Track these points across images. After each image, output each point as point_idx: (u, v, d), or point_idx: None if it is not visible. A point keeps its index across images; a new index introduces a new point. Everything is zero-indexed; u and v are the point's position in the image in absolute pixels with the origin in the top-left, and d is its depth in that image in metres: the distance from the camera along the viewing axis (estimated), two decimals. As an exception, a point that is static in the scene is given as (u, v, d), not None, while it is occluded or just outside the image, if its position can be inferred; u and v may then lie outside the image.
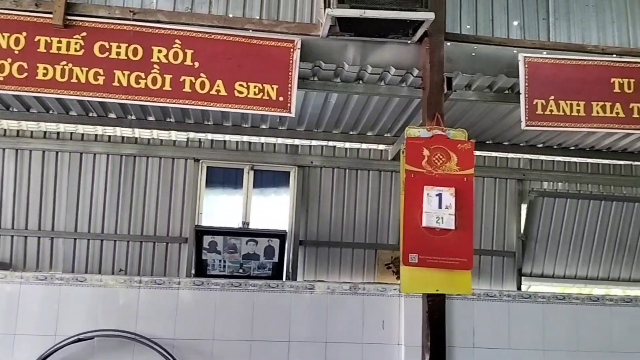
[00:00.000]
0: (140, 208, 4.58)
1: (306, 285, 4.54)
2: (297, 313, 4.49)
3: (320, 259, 4.83)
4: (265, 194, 4.85)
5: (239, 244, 4.49)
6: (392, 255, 4.86)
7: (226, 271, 4.50)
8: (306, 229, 4.80)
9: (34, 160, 4.45)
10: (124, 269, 4.53)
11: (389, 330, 4.54)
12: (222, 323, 4.38)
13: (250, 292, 4.45)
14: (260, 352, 4.38)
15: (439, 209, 3.12)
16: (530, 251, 5.01)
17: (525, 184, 5.02)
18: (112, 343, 4.16)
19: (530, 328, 4.60)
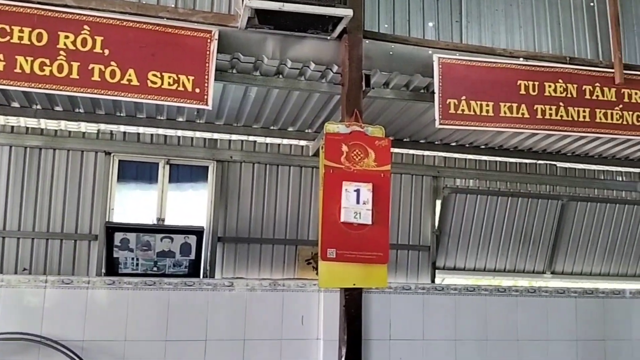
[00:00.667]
0: (47, 204, 4.30)
1: (224, 283, 4.47)
2: (215, 311, 4.41)
3: (240, 255, 4.76)
4: (181, 189, 4.70)
5: (153, 241, 4.33)
6: (312, 251, 4.88)
7: (139, 269, 4.33)
8: (225, 225, 4.71)
9: None
10: (29, 268, 4.24)
11: (308, 326, 4.57)
12: (135, 323, 4.22)
13: (165, 290, 4.32)
14: (175, 353, 4.26)
15: (357, 204, 3.16)
16: (443, 245, 5.20)
17: (439, 180, 5.20)
18: (14, 346, 3.90)
19: (443, 319, 4.78)
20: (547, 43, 4.07)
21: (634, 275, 5.75)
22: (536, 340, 4.91)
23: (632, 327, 5.15)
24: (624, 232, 5.57)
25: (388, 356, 4.62)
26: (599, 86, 3.83)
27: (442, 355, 4.70)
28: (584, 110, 3.78)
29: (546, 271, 5.52)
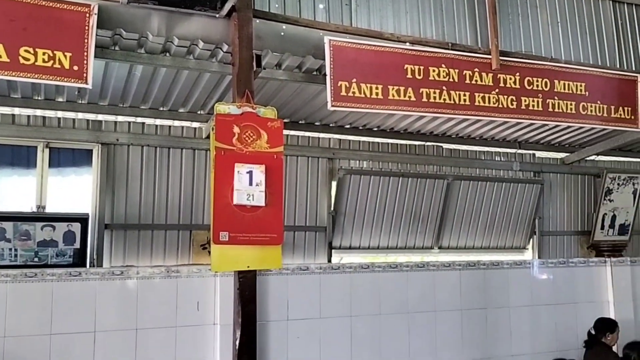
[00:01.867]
0: None
1: (113, 272, 4.27)
2: (104, 301, 4.21)
3: (130, 243, 4.57)
4: (63, 174, 4.39)
5: (33, 230, 4.04)
6: (207, 236, 4.79)
7: (18, 261, 4.03)
8: (112, 212, 4.49)
9: None
10: None
11: (204, 311, 4.50)
12: (15, 318, 3.93)
13: (48, 282, 4.05)
14: (62, 347, 4.03)
15: (250, 186, 3.14)
16: (339, 225, 5.32)
17: (335, 162, 5.30)
18: None
19: (339, 297, 4.92)
20: (431, 29, 4.25)
21: (512, 247, 6.24)
22: (425, 311, 5.20)
23: (510, 295, 5.60)
24: (502, 208, 6.02)
25: (286, 336, 4.67)
26: (478, 71, 4.07)
27: (338, 331, 4.83)
28: (464, 94, 4.00)
29: (434, 246, 5.84)
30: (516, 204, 6.07)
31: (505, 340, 5.52)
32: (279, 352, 4.61)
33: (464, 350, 5.17)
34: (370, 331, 4.94)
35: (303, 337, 4.74)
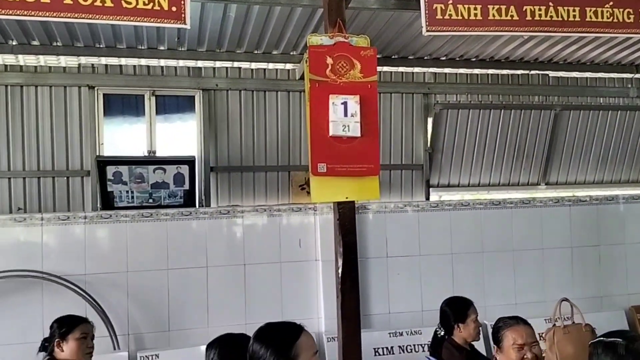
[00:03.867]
0: (34, 142, 4.25)
1: (220, 211, 4.51)
2: (213, 239, 4.48)
3: (233, 184, 4.76)
4: (169, 120, 4.63)
5: (146, 173, 4.32)
6: (305, 176, 4.88)
7: (135, 202, 4.35)
8: (216, 155, 4.68)
9: None
10: (23, 207, 4.24)
11: (305, 248, 4.65)
12: (136, 255, 4.30)
13: (163, 221, 4.36)
14: (178, 280, 4.36)
15: (345, 117, 3.10)
16: (437, 163, 5.19)
17: (430, 97, 5.13)
18: (18, 283, 3.97)
19: (439, 234, 4.87)
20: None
21: (627, 181, 5.78)
22: (532, 249, 5.02)
23: (625, 231, 5.25)
24: (616, 139, 5.56)
25: (386, 272, 4.73)
26: (589, -17, 3.70)
27: (439, 268, 4.81)
28: (573, 10, 3.65)
29: (540, 182, 5.54)
30: (632, 134, 5.58)
31: (621, 279, 5.21)
32: (379, 287, 4.68)
33: (575, 288, 4.94)
34: (472, 269, 4.87)
35: (403, 274, 4.77)
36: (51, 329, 3.01)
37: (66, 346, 2.92)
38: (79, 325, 2.99)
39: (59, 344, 2.92)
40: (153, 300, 4.30)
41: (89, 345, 3.02)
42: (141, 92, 4.52)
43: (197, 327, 4.35)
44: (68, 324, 2.98)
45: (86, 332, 3.01)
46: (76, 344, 2.93)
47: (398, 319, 4.64)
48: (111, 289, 4.20)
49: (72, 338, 2.93)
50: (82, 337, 2.96)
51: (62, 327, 2.96)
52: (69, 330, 2.95)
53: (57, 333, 2.95)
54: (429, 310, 4.62)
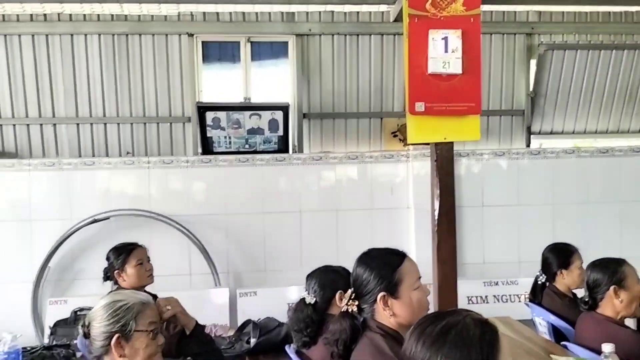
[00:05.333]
0: (139, 89, 4.48)
1: (313, 157, 4.56)
2: (306, 184, 4.56)
3: (325, 131, 4.79)
4: (264, 66, 4.69)
5: (243, 119, 4.44)
6: (398, 123, 4.80)
7: (232, 147, 4.49)
8: (309, 101, 4.71)
9: (24, 45, 4.29)
10: (131, 151, 4.52)
11: (397, 195, 4.62)
12: (234, 198, 4.47)
13: (258, 166, 4.49)
14: (273, 223, 4.50)
15: (445, 53, 2.98)
16: (539, 108, 4.91)
17: (534, 38, 4.81)
18: (127, 222, 4.28)
19: (539, 183, 4.65)
20: None
21: None
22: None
23: None
24: None
25: (481, 222, 4.61)
26: None
27: (538, 219, 4.61)
28: None
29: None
30: None
31: None
32: (473, 237, 4.58)
33: (690, 243, 4.57)
34: (575, 220, 4.62)
35: (499, 224, 4.63)
36: (108, 261, 3.04)
37: (126, 275, 2.95)
38: (132, 253, 3.00)
39: (119, 274, 2.96)
40: (250, 242, 4.49)
41: (147, 269, 3.03)
42: (237, 38, 4.60)
43: (291, 268, 4.49)
44: (122, 255, 2.99)
45: (141, 258, 3.02)
46: (134, 271, 2.95)
47: (493, 268, 4.54)
48: (212, 229, 4.42)
49: (130, 267, 2.96)
50: (139, 264, 2.98)
51: (117, 259, 2.98)
52: (125, 261, 2.96)
53: (114, 266, 2.98)
54: (527, 261, 4.48)
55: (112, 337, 1.75)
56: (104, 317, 1.78)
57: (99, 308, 1.82)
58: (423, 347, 1.26)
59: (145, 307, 1.84)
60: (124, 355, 1.77)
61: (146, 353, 1.81)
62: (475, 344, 1.22)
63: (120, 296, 1.86)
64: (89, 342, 1.82)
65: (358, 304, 1.85)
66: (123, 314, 1.78)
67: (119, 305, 1.80)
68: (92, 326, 1.80)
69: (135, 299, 1.84)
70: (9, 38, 4.27)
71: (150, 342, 1.82)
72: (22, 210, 4.26)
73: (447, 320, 1.26)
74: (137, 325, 1.79)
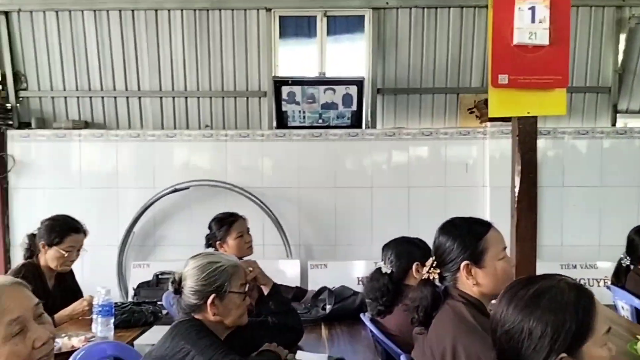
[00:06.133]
0: (219, 64, 4.60)
1: (386, 133, 4.55)
2: (378, 160, 4.56)
3: (400, 106, 4.74)
4: (339, 41, 4.69)
5: (317, 94, 4.47)
6: (475, 99, 4.69)
7: (306, 122, 4.54)
8: (384, 76, 4.67)
9: (112, 20, 4.51)
10: (210, 124, 4.67)
11: (472, 173, 4.54)
12: (306, 172, 4.55)
13: (331, 141, 4.53)
14: (345, 198, 4.54)
15: (532, 23, 2.86)
16: (627, 85, 4.63)
17: (624, 11, 4.51)
18: (206, 192, 4.45)
19: (625, 164, 4.42)
20: None
21: None
22: None
23: None
24: None
25: (560, 203, 4.45)
26: None
27: (623, 201, 4.40)
28: None
29: None
30: None
31: None
32: (552, 218, 4.42)
33: None
34: (666, 204, 4.38)
35: (580, 205, 4.45)
36: (210, 230, 3.11)
37: (227, 247, 3.03)
38: (234, 225, 3.05)
39: (221, 245, 3.03)
40: (321, 216, 4.55)
41: (247, 241, 3.09)
42: (313, 13, 4.61)
43: (361, 244, 4.53)
44: (224, 227, 3.04)
45: (242, 230, 3.07)
46: (235, 243, 3.01)
47: (571, 251, 4.39)
48: (285, 202, 4.52)
49: (231, 239, 3.03)
50: (239, 236, 3.04)
51: (219, 230, 3.05)
52: (226, 233, 3.04)
53: (216, 236, 3.06)
54: (607, 245, 4.30)
55: (208, 297, 1.84)
56: (201, 278, 1.86)
57: (194, 268, 1.89)
58: (514, 311, 1.25)
59: (237, 270, 1.92)
60: (217, 313, 1.85)
61: (237, 313, 1.89)
62: (569, 309, 1.20)
63: (215, 258, 1.93)
64: (180, 298, 1.92)
65: (440, 272, 1.85)
66: (219, 276, 1.86)
67: (215, 267, 1.88)
68: (185, 284, 1.89)
69: (228, 262, 1.93)
70: (98, 14, 4.49)
71: (242, 302, 1.90)
72: (109, 178, 4.52)
73: (541, 284, 1.25)
74: (231, 287, 1.87)
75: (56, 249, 2.75)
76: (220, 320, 1.87)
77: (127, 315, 2.66)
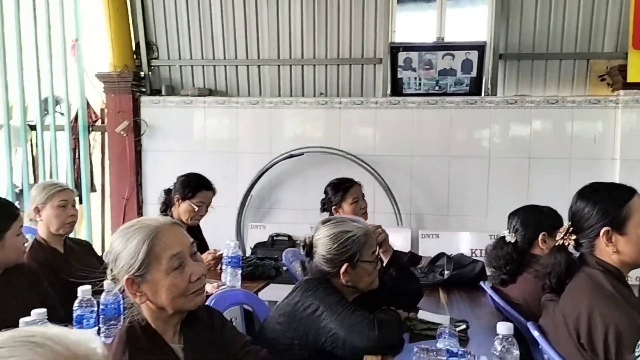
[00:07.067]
0: (335, 31, 4.62)
1: (507, 100, 4.36)
2: (497, 129, 4.39)
3: (523, 73, 4.50)
4: (460, 4, 4.51)
5: (435, 60, 4.37)
6: (607, 65, 4.33)
7: (422, 89, 4.46)
8: (507, 41, 4.44)
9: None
10: (324, 92, 4.74)
11: (601, 145, 4.24)
12: (420, 140, 4.49)
13: (447, 109, 4.42)
14: (459, 168, 4.44)
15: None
16: None
17: None
18: (319, 158, 4.55)
19: None
20: None
21: None
22: None
23: None
24: None
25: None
26: None
27: None
28: None
29: None
30: None
31: None
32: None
33: None
34: None
35: None
36: (326, 195, 3.18)
37: (342, 212, 3.09)
38: (349, 191, 3.11)
39: (336, 210, 3.10)
40: (434, 185, 4.49)
41: (362, 207, 3.13)
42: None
43: (475, 215, 4.43)
44: (339, 192, 3.11)
45: (357, 196, 3.12)
46: (350, 209, 3.08)
47: None
48: (396, 170, 4.51)
49: (346, 204, 3.10)
50: (354, 202, 3.10)
51: (335, 196, 3.11)
52: (342, 199, 3.10)
53: (332, 201, 3.12)
54: None
55: (341, 266, 1.88)
56: (333, 248, 1.89)
57: (326, 237, 1.91)
58: None
59: (368, 238, 1.94)
60: (349, 280, 1.90)
61: (369, 279, 1.93)
62: None
63: (347, 226, 1.93)
64: (311, 261, 1.98)
65: (576, 239, 1.77)
66: (351, 246, 1.88)
67: (347, 236, 1.89)
68: (317, 251, 1.93)
69: (359, 230, 1.92)
70: (222, -16, 4.68)
71: (373, 270, 1.94)
72: (230, 143, 4.76)
73: None
74: (362, 256, 1.90)
75: (188, 203, 2.97)
76: (352, 286, 1.92)
77: (252, 268, 2.82)
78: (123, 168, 4.82)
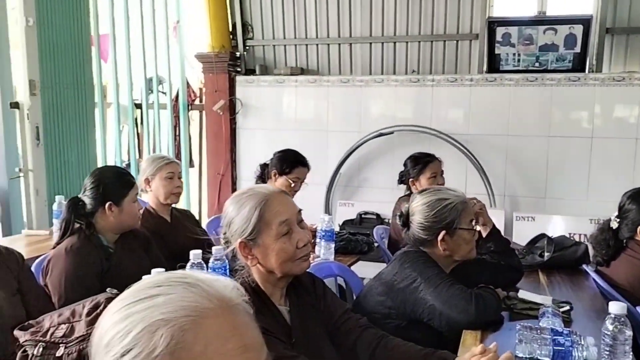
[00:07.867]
0: (430, 6, 4.50)
1: (614, 77, 4.09)
2: (603, 108, 4.14)
3: (632, 48, 4.18)
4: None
5: (536, 35, 4.16)
6: None
7: (520, 66, 4.28)
8: (615, 14, 4.14)
9: (328, -31, 4.70)
10: (417, 69, 4.66)
11: None
12: (517, 119, 4.33)
13: (548, 86, 4.22)
14: (559, 148, 4.25)
15: None
16: None
17: None
18: (409, 137, 4.51)
19: None
20: None
21: None
22: None
23: None
24: None
25: None
26: None
27: None
28: None
29: None
30: None
31: None
32: None
33: None
34: None
35: None
36: (405, 167, 3.19)
37: (419, 185, 3.07)
38: (428, 166, 3.09)
39: (413, 183, 3.11)
40: (531, 166, 4.32)
41: (439, 183, 3.08)
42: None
43: (575, 198, 4.22)
44: (418, 166, 3.10)
45: (435, 171, 3.09)
46: (428, 182, 3.04)
47: None
48: (491, 150, 4.37)
49: (424, 178, 3.07)
50: (432, 177, 3.07)
51: (414, 169, 3.11)
52: (420, 172, 3.09)
53: (410, 174, 3.13)
54: None
55: (438, 233, 1.89)
56: (431, 215, 1.90)
57: (424, 205, 1.92)
58: None
59: (466, 206, 1.93)
60: (447, 249, 1.90)
61: (467, 248, 1.92)
62: None
63: (444, 194, 1.94)
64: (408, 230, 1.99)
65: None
66: (448, 213, 1.89)
67: (444, 204, 1.90)
68: (414, 219, 1.95)
69: (457, 198, 1.92)
70: (314, -36, 4.71)
71: (471, 238, 1.92)
72: (320, 121, 4.83)
73: None
74: (460, 224, 1.89)
75: (285, 178, 3.06)
76: (450, 255, 1.91)
77: (344, 242, 2.87)
78: (219, 145, 5.03)
